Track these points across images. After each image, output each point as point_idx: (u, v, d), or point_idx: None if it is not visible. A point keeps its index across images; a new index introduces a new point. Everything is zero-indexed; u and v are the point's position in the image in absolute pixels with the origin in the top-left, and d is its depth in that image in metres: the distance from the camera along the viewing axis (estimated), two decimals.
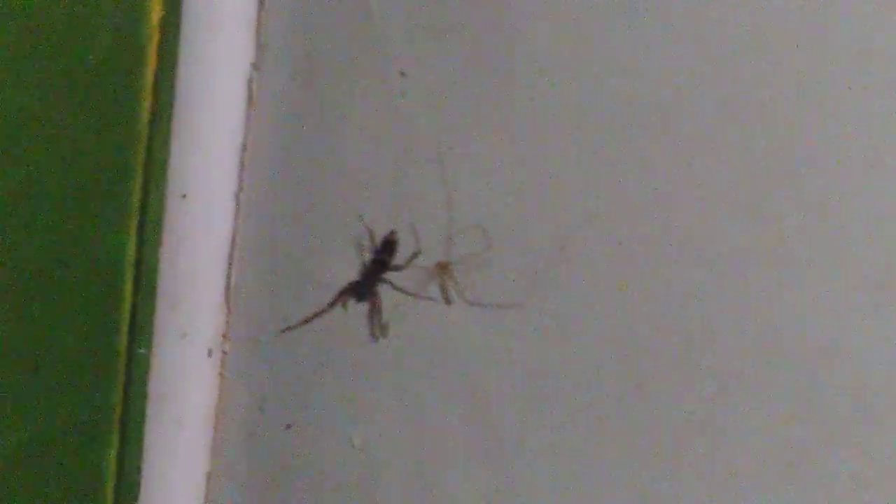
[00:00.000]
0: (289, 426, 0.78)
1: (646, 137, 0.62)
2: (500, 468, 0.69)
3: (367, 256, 0.72)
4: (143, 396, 0.80)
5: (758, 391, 0.59)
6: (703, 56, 0.60)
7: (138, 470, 0.81)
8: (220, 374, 0.81)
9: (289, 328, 0.75)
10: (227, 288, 0.80)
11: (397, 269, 0.71)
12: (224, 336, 0.81)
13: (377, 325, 0.72)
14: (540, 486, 0.67)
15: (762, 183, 0.58)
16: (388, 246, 0.71)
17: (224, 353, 0.81)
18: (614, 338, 0.64)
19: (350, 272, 0.73)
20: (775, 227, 0.58)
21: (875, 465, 0.56)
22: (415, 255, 0.70)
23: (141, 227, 0.78)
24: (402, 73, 0.70)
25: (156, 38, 0.76)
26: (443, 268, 0.69)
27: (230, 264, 0.80)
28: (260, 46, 0.78)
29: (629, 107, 0.62)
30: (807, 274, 0.58)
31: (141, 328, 0.80)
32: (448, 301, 0.70)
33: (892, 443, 0.56)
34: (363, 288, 0.72)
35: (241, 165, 0.79)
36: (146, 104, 0.77)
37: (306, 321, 0.74)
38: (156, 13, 0.76)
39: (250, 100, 0.79)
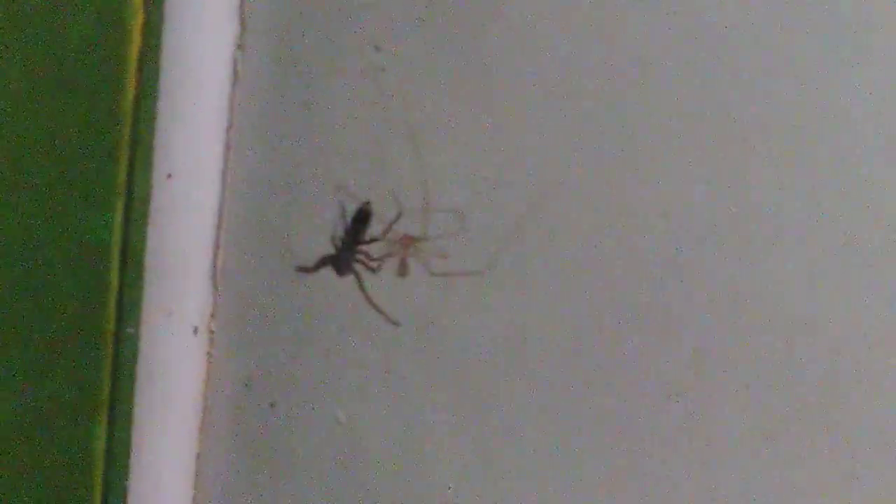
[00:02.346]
0: (273, 404, 0.78)
1: (622, 108, 0.62)
2: (484, 441, 0.69)
3: (341, 230, 0.73)
4: (131, 375, 0.80)
5: (734, 361, 0.59)
6: (675, 26, 0.60)
7: (128, 449, 0.81)
8: (208, 353, 0.81)
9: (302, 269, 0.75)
10: (214, 267, 0.80)
11: (374, 239, 0.71)
12: (211, 315, 0.81)
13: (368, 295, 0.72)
14: (522, 458, 0.68)
15: (738, 155, 0.59)
16: (362, 216, 0.72)
17: (211, 331, 0.81)
18: (593, 309, 0.64)
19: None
20: (752, 199, 0.58)
21: (850, 434, 0.56)
22: (396, 218, 0.70)
23: (127, 206, 0.78)
24: (377, 48, 0.70)
25: (140, 17, 0.76)
26: (407, 241, 0.69)
27: (217, 243, 0.80)
28: (244, 26, 0.78)
29: (605, 78, 0.63)
30: (783, 245, 0.58)
31: (128, 307, 0.79)
32: (402, 274, 0.70)
33: (866, 413, 0.56)
34: (340, 261, 0.72)
35: (227, 144, 0.79)
36: (131, 84, 0.77)
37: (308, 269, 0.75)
38: None
39: (235, 79, 0.79)
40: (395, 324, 0.72)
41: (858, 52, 0.55)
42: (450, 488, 0.71)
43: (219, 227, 0.80)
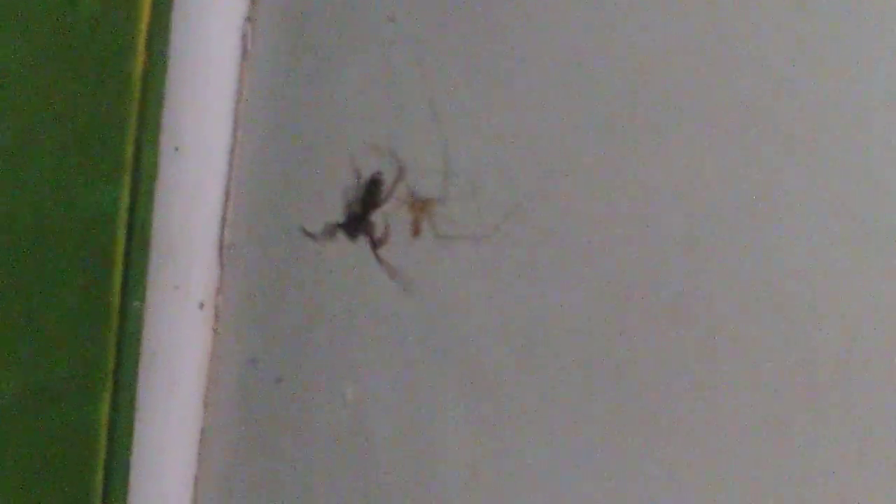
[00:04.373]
0: (280, 380, 0.78)
1: (638, 87, 0.62)
2: (490, 421, 0.69)
3: (354, 198, 0.72)
4: (137, 349, 0.80)
5: (746, 346, 0.59)
6: (691, 7, 0.60)
7: (131, 424, 0.81)
8: (214, 329, 0.81)
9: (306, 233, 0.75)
10: (221, 241, 0.80)
11: (383, 201, 0.71)
12: (217, 290, 0.81)
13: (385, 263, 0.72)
14: (528, 439, 0.68)
15: (753, 136, 0.58)
16: (374, 185, 0.71)
17: (217, 307, 0.81)
18: (604, 292, 0.64)
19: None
20: (766, 181, 0.58)
21: (861, 420, 0.56)
22: (399, 176, 0.70)
23: (134, 180, 0.78)
24: (391, 20, 0.70)
25: None
26: (419, 203, 0.69)
27: (223, 217, 0.80)
28: None
29: (621, 55, 0.62)
30: (796, 229, 0.58)
31: (134, 282, 0.79)
32: (415, 233, 0.70)
33: (879, 399, 0.56)
34: (351, 227, 0.72)
35: (235, 119, 0.79)
36: (140, 57, 0.77)
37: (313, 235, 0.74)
38: None
39: (244, 53, 0.78)
40: (407, 289, 0.71)
41: (871, 38, 0.55)
42: (456, 467, 0.71)
43: (226, 201, 0.80)
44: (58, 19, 0.74)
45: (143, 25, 0.77)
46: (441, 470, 0.72)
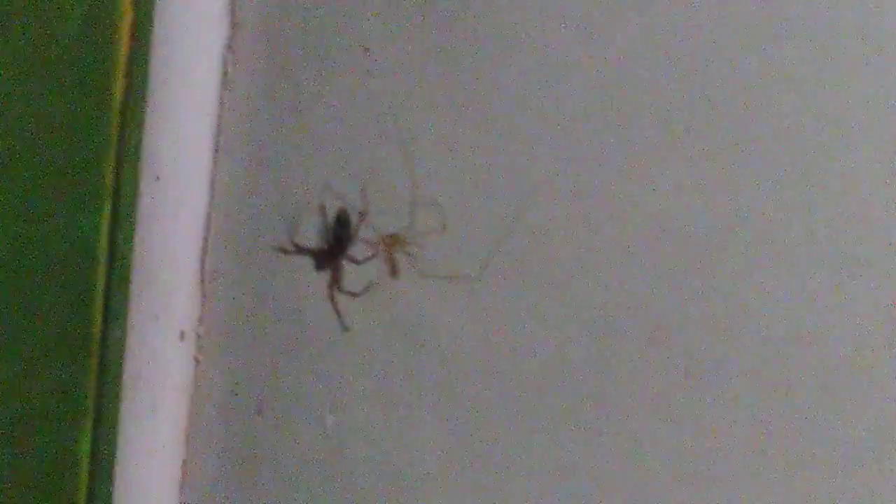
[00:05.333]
0: (260, 410, 0.78)
1: (613, 113, 0.62)
2: (472, 449, 0.69)
3: (324, 237, 0.73)
4: (118, 379, 0.80)
5: (726, 375, 0.59)
6: (672, 30, 0.60)
7: (113, 455, 0.81)
8: (195, 358, 0.81)
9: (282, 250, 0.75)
10: (201, 271, 0.80)
11: (350, 240, 0.71)
12: (198, 319, 0.80)
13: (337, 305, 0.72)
14: (509, 468, 0.67)
15: (730, 165, 0.58)
16: (340, 222, 0.72)
17: (198, 336, 0.81)
18: (582, 318, 0.64)
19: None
20: (744, 210, 0.58)
21: (842, 447, 0.56)
22: (362, 216, 0.70)
23: (114, 209, 0.77)
24: (366, 49, 0.70)
25: (129, 16, 0.76)
26: (391, 240, 0.69)
27: (204, 247, 0.80)
28: (234, 27, 0.78)
29: (599, 85, 0.62)
30: (774, 257, 0.58)
31: (114, 311, 0.79)
32: (393, 274, 0.70)
33: (857, 426, 0.56)
34: (320, 260, 0.73)
35: (216, 147, 0.79)
36: (119, 84, 0.76)
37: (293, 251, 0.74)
38: None
39: (224, 81, 0.78)
40: (346, 328, 0.72)
41: (856, 60, 0.55)
42: (437, 496, 0.71)
43: (207, 230, 0.80)
44: (36, 44, 0.74)
45: (123, 52, 0.76)
46: (422, 498, 0.71)
